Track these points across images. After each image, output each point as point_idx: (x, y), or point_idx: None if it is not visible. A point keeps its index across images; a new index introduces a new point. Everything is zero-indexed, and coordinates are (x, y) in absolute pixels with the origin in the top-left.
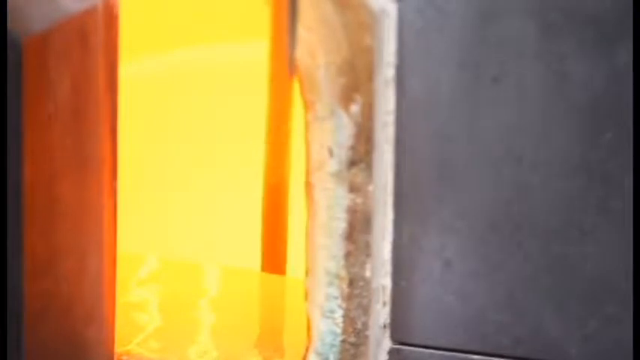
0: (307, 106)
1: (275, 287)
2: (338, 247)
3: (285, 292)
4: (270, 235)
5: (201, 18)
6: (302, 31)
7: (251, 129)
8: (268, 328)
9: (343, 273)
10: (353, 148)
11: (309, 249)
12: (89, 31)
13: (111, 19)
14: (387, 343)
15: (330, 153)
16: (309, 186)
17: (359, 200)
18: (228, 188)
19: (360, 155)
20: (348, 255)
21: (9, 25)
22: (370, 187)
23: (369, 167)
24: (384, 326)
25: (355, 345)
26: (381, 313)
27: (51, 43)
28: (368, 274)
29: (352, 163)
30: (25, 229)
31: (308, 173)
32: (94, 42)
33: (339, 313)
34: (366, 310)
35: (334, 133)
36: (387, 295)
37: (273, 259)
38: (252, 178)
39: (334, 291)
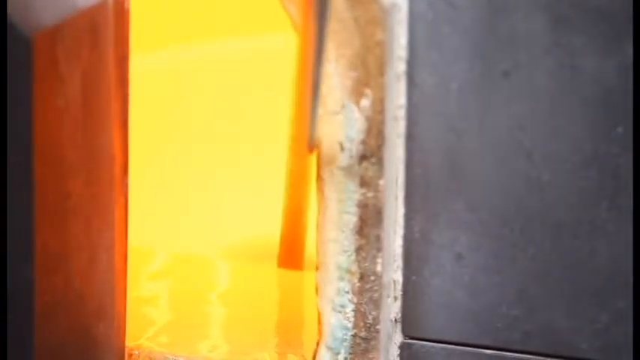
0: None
1: (287, 282)
2: (349, 242)
3: (297, 286)
4: (289, 231)
5: (214, 11)
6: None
7: (267, 124)
8: (280, 322)
9: (354, 267)
10: (364, 142)
11: (319, 243)
12: (100, 26)
13: (121, 13)
14: (398, 338)
15: (341, 147)
16: (320, 180)
17: (370, 194)
18: (240, 183)
19: (371, 149)
20: (359, 249)
21: (19, 20)
22: (381, 182)
23: (380, 161)
24: (395, 321)
25: (366, 339)
26: (392, 308)
27: (61, 38)
28: (379, 268)
29: (363, 158)
30: (36, 225)
31: (319, 167)
32: (104, 36)
33: (350, 308)
34: (377, 304)
35: (345, 127)
36: (398, 290)
37: (291, 255)
38: (264, 174)
39: (345, 285)
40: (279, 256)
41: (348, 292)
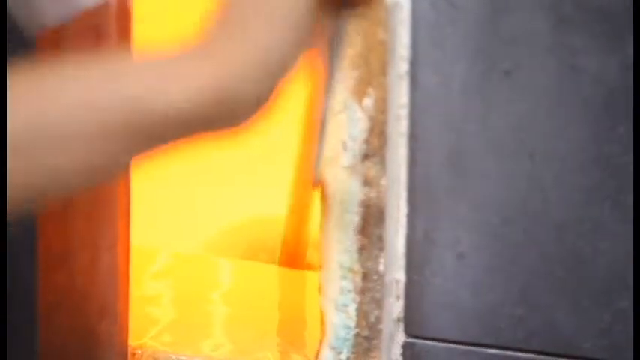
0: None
1: (289, 281)
2: (352, 241)
3: (299, 285)
4: (292, 230)
5: None
6: None
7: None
8: (282, 321)
9: (357, 267)
10: (367, 141)
11: (323, 243)
12: (102, 27)
13: (124, 14)
14: (400, 337)
15: (344, 147)
16: (323, 180)
17: (373, 194)
18: (243, 182)
19: (374, 149)
20: (361, 249)
21: (22, 21)
22: (384, 181)
23: (382, 161)
24: (398, 320)
25: (369, 338)
26: (395, 307)
27: (64, 39)
28: (381, 267)
29: (366, 157)
30: (40, 223)
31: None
32: (106, 37)
33: (352, 307)
34: (379, 303)
35: (348, 126)
36: (400, 289)
37: (294, 253)
38: (264, 173)
39: (348, 284)
40: (280, 256)
41: (350, 291)
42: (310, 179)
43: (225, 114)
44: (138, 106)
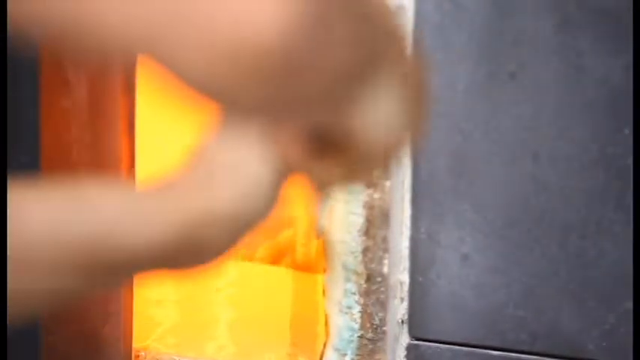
0: None
1: (293, 283)
2: (356, 243)
3: (303, 287)
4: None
5: None
6: None
7: None
8: (287, 324)
9: (361, 268)
10: None
11: (327, 245)
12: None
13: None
14: (404, 339)
15: None
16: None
17: (376, 196)
18: None
19: None
20: (365, 250)
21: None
22: (387, 183)
23: None
24: (402, 322)
25: (373, 340)
26: (399, 309)
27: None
28: (385, 269)
29: None
30: None
31: None
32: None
33: (356, 309)
34: (383, 305)
35: None
36: (404, 291)
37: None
38: None
39: (352, 287)
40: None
41: (354, 294)
42: (314, 231)
43: (187, 256)
44: (102, 243)
